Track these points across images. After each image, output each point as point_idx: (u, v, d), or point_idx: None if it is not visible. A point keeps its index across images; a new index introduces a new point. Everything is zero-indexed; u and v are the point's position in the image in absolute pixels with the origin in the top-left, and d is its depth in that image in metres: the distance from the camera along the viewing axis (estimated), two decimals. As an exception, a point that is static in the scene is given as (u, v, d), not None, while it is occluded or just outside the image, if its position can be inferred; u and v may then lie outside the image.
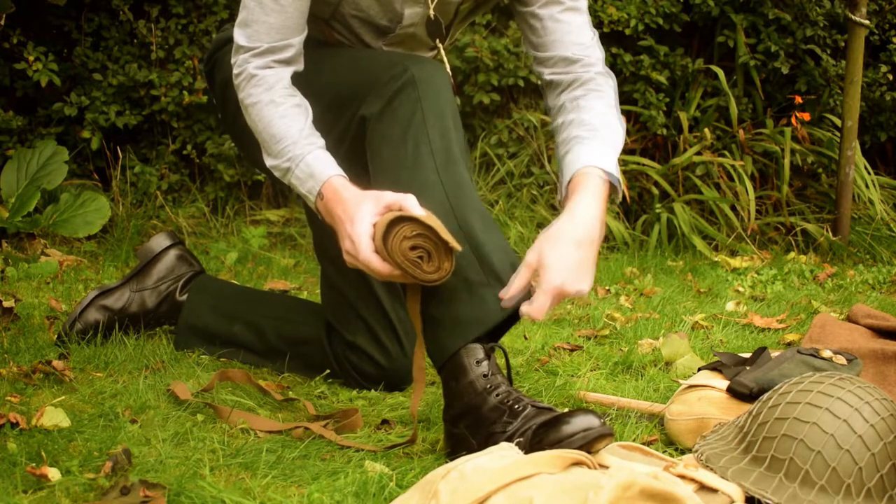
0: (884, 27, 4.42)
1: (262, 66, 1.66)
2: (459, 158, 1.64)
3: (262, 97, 1.66)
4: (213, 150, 3.56)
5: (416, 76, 1.63)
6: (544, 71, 1.77)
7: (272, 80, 1.66)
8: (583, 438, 1.34)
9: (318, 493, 1.30)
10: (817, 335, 2.31)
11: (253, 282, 2.89)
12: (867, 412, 1.28)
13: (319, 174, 1.59)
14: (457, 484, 1.13)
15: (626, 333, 2.39)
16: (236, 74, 1.69)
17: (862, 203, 3.98)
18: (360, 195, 1.53)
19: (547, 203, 3.76)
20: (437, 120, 1.63)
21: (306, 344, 1.94)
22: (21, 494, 1.29)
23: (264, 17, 1.65)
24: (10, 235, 3.11)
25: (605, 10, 3.96)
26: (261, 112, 1.65)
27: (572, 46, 1.75)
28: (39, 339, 2.09)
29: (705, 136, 3.99)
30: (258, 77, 1.66)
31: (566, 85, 1.76)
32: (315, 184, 1.59)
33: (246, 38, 1.67)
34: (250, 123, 1.68)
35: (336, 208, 1.55)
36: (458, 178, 1.61)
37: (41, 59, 3.36)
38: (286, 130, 1.63)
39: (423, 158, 1.60)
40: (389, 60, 1.68)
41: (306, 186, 1.60)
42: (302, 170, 1.60)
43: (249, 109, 1.67)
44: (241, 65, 1.68)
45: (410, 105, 1.62)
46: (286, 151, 1.62)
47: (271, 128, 1.64)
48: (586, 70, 1.75)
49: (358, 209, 1.50)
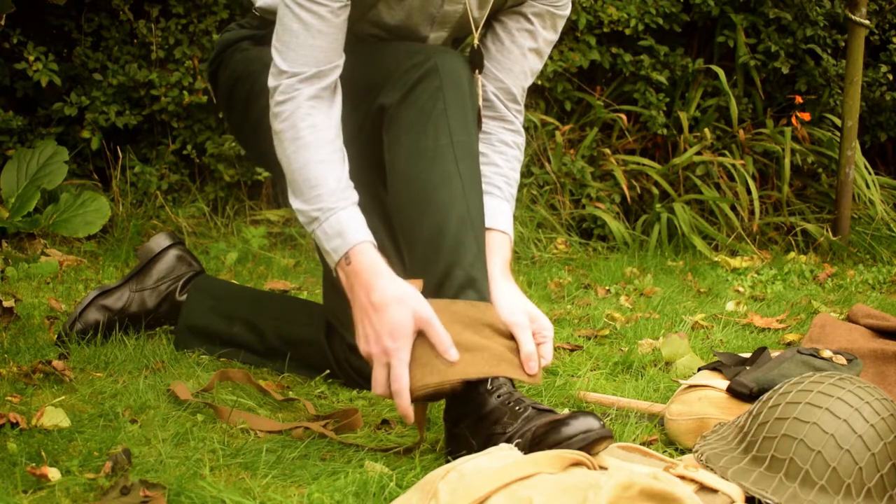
0: (884, 27, 4.42)
1: (312, 95, 1.58)
2: (477, 153, 1.63)
3: (304, 135, 1.56)
4: (213, 150, 3.56)
5: (439, 65, 1.61)
6: (488, 85, 1.76)
7: (318, 119, 1.58)
8: (582, 440, 1.34)
9: (318, 493, 1.30)
10: (817, 335, 2.31)
11: (253, 282, 2.89)
12: (867, 412, 1.28)
13: (350, 235, 1.52)
14: (456, 484, 1.13)
15: (626, 333, 2.39)
16: (279, 101, 1.58)
17: (862, 203, 3.99)
18: (393, 294, 1.48)
19: (547, 203, 3.76)
20: (459, 111, 1.61)
21: (306, 345, 1.94)
22: (21, 494, 1.29)
23: (311, 41, 1.57)
24: (10, 235, 3.11)
25: (605, 10, 3.96)
26: (299, 151, 1.56)
27: (521, 84, 1.78)
28: (39, 339, 2.09)
29: (705, 136, 3.99)
30: (304, 111, 1.57)
31: (499, 116, 1.76)
32: (343, 244, 1.52)
33: (289, 63, 1.58)
34: (281, 155, 1.59)
35: (360, 291, 1.50)
36: (475, 174, 1.60)
37: (41, 59, 3.36)
38: (323, 178, 1.55)
39: (443, 150, 1.58)
40: (411, 49, 1.66)
41: (331, 244, 1.53)
42: (332, 225, 1.53)
43: (287, 144, 1.58)
44: (286, 91, 1.58)
45: (432, 94, 1.59)
46: (318, 200, 1.54)
47: (306, 170, 1.55)
48: (517, 116, 1.78)
49: (397, 326, 1.46)
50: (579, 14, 3.88)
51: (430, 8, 1.71)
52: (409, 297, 1.47)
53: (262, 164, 2.05)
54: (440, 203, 1.55)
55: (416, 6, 1.70)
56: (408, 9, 1.70)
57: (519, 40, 1.75)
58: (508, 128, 1.77)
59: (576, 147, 3.96)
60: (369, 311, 1.48)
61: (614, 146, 4.04)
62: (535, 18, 1.75)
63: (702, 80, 4.13)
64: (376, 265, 1.51)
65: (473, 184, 1.59)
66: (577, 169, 3.80)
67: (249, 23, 1.96)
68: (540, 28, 1.75)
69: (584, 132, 4.01)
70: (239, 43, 1.93)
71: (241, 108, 1.86)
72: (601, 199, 3.81)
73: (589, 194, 3.82)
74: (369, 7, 1.69)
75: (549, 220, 3.72)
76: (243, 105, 1.84)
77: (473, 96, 1.65)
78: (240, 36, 1.94)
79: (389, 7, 1.70)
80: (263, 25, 1.89)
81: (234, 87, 1.89)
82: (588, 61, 3.96)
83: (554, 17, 1.76)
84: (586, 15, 3.91)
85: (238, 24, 1.98)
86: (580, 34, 3.95)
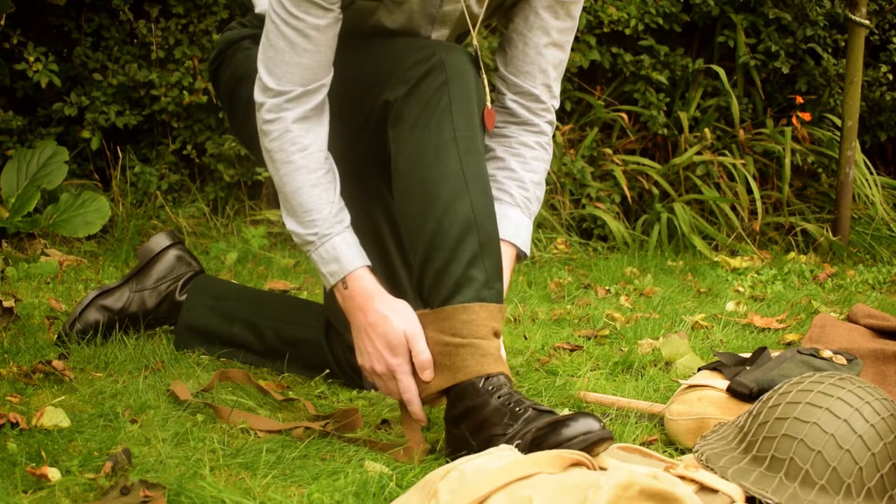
0: (884, 27, 4.42)
1: (299, 117, 1.59)
2: (482, 148, 1.63)
3: (294, 159, 1.59)
4: (213, 150, 3.56)
5: (444, 60, 1.60)
6: (507, 94, 1.77)
7: (307, 141, 1.59)
8: (582, 442, 1.33)
9: (318, 493, 1.30)
10: (817, 335, 2.31)
11: (253, 282, 2.88)
12: (867, 412, 1.28)
13: (346, 262, 1.57)
14: (456, 484, 1.13)
15: (626, 333, 2.39)
16: (268, 120, 1.60)
17: (862, 203, 3.99)
18: (386, 311, 1.54)
19: (547, 203, 3.76)
20: (464, 106, 1.60)
21: (305, 345, 1.94)
22: (21, 494, 1.29)
23: (296, 59, 1.57)
24: (10, 235, 3.11)
25: (605, 10, 3.96)
26: (292, 175, 1.59)
27: (544, 82, 1.77)
28: (39, 339, 2.09)
29: (705, 135, 3.99)
30: (294, 135, 1.59)
31: (521, 121, 1.76)
32: (339, 270, 1.58)
33: (276, 81, 1.58)
34: (274, 175, 1.62)
35: (357, 313, 1.57)
36: (479, 171, 1.59)
37: (41, 59, 3.36)
38: (316, 203, 1.58)
39: (447, 145, 1.57)
40: (416, 45, 1.65)
41: (328, 268, 1.58)
42: (328, 251, 1.58)
43: (279, 166, 1.60)
44: (274, 111, 1.59)
45: (437, 89, 1.58)
46: (313, 225, 1.58)
47: (300, 195, 1.59)
48: (543, 114, 1.77)
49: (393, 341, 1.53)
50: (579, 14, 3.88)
51: (430, 9, 1.71)
52: (399, 313, 1.54)
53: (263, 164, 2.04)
54: (442, 200, 1.54)
55: (416, 9, 1.70)
56: (408, 12, 1.70)
57: (533, 40, 1.74)
58: (531, 129, 1.77)
59: (576, 147, 3.96)
60: (367, 331, 1.56)
61: (614, 146, 4.04)
62: (546, 12, 1.72)
63: (702, 80, 4.13)
64: (371, 288, 1.57)
65: (477, 179, 1.58)
66: (578, 169, 3.80)
67: (251, 22, 1.95)
68: (552, 20, 1.73)
69: (585, 132, 4.01)
70: (240, 42, 1.92)
71: (244, 107, 1.85)
72: (601, 199, 3.81)
73: (589, 194, 3.82)
74: (368, 15, 1.69)
75: (549, 220, 3.72)
76: (246, 104, 1.83)
77: (479, 91, 1.64)
78: (241, 35, 1.93)
79: (389, 13, 1.69)
80: (264, 24, 1.89)
81: (236, 86, 1.88)
82: (588, 61, 3.96)
83: (567, 6, 1.73)
84: (586, 15, 3.91)
85: (240, 23, 1.98)
86: (580, 34, 3.95)
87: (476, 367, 1.49)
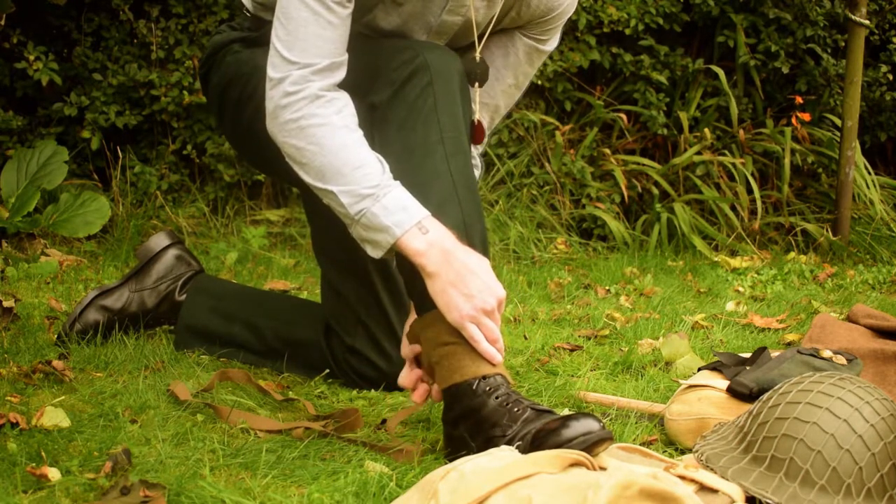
0: (884, 27, 4.42)
1: (326, 87, 1.54)
2: (468, 148, 1.63)
3: (333, 120, 1.52)
4: (213, 150, 3.56)
5: (428, 61, 1.59)
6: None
7: (341, 104, 1.54)
8: (582, 442, 1.33)
9: (318, 493, 1.30)
10: (817, 335, 2.31)
11: (253, 282, 2.88)
12: (867, 412, 1.29)
13: (415, 208, 1.49)
14: (456, 484, 1.13)
15: (626, 333, 2.39)
16: (290, 92, 1.53)
17: (862, 203, 3.99)
18: (485, 263, 1.51)
19: (547, 203, 3.76)
20: (449, 106, 1.60)
21: (305, 345, 1.94)
22: (21, 494, 1.29)
23: (320, 31, 1.53)
24: (10, 235, 3.11)
25: (605, 9, 3.96)
26: (332, 135, 1.51)
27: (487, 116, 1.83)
28: (39, 339, 2.09)
29: (705, 135, 3.99)
30: (326, 98, 1.54)
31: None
32: (408, 218, 1.48)
33: (297, 53, 1.53)
34: (307, 143, 1.53)
35: (451, 256, 1.47)
36: (466, 172, 1.60)
37: (41, 58, 3.36)
38: (366, 157, 1.51)
39: (433, 146, 1.57)
40: (399, 46, 1.64)
41: (393, 218, 1.48)
42: (393, 200, 1.49)
43: (314, 131, 1.52)
44: (298, 82, 1.53)
45: (422, 90, 1.58)
46: (368, 178, 1.49)
47: (346, 151, 1.51)
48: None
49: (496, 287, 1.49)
50: (579, 14, 3.88)
51: (429, 16, 1.70)
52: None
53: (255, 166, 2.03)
54: (432, 204, 1.53)
55: (415, 13, 1.69)
56: (405, 15, 1.69)
57: (502, 78, 1.81)
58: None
59: (576, 147, 3.96)
60: (464, 273, 1.47)
61: (614, 146, 4.04)
62: (523, 55, 1.81)
63: (702, 80, 4.13)
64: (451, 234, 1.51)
65: (464, 182, 1.58)
66: (577, 169, 3.80)
67: (240, 24, 1.91)
68: (524, 65, 1.81)
69: (584, 132, 4.01)
70: (230, 45, 1.88)
71: (232, 110, 1.83)
72: (601, 199, 3.81)
73: (589, 194, 3.82)
74: (367, 11, 1.68)
75: (549, 220, 3.72)
76: (235, 107, 1.82)
77: (464, 91, 1.64)
78: (231, 38, 1.89)
79: (387, 13, 1.69)
80: (255, 27, 1.86)
81: (225, 89, 1.85)
82: (588, 61, 3.96)
83: (542, 56, 1.82)
84: (586, 15, 3.91)
85: (229, 26, 1.94)
86: (580, 34, 3.95)
87: (473, 367, 1.48)
